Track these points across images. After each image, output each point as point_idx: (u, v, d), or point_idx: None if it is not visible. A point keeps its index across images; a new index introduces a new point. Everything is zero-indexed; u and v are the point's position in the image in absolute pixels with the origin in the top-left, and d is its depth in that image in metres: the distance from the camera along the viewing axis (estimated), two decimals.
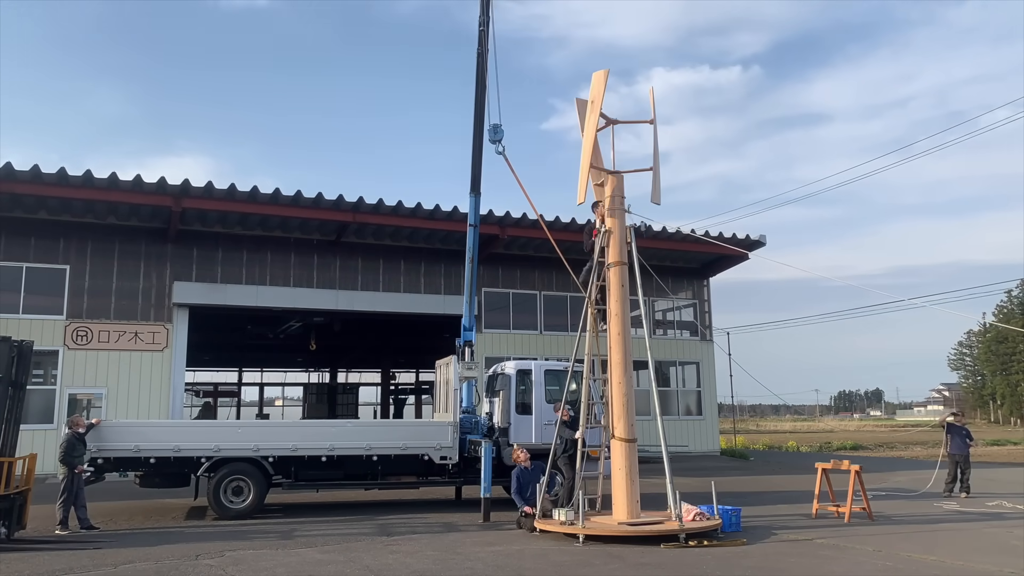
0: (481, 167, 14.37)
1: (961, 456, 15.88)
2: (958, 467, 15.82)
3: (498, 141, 13.98)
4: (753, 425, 76.95)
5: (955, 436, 16.09)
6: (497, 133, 13.94)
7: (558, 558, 9.26)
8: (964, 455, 15.89)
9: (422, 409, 43.40)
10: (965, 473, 15.74)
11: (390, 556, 9.28)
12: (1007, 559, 9.10)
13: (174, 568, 8.58)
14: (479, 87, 14.17)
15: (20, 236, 19.48)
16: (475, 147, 14.28)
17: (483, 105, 14.12)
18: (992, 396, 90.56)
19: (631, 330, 11.61)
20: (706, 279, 27.84)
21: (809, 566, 8.85)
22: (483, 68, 14.16)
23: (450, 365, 14.49)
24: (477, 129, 14.19)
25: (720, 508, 11.08)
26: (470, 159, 14.44)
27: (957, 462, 15.86)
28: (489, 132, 13.94)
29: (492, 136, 13.96)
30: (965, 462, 15.86)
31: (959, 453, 15.92)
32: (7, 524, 9.98)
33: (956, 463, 15.87)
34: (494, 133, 13.93)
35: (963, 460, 15.85)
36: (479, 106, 14.15)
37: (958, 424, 16.52)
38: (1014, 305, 79.52)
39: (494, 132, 13.93)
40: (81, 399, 19.50)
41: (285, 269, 21.82)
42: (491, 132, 13.94)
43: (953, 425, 16.38)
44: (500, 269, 24.25)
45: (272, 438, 13.11)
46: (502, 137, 13.96)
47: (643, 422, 13.85)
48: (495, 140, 13.98)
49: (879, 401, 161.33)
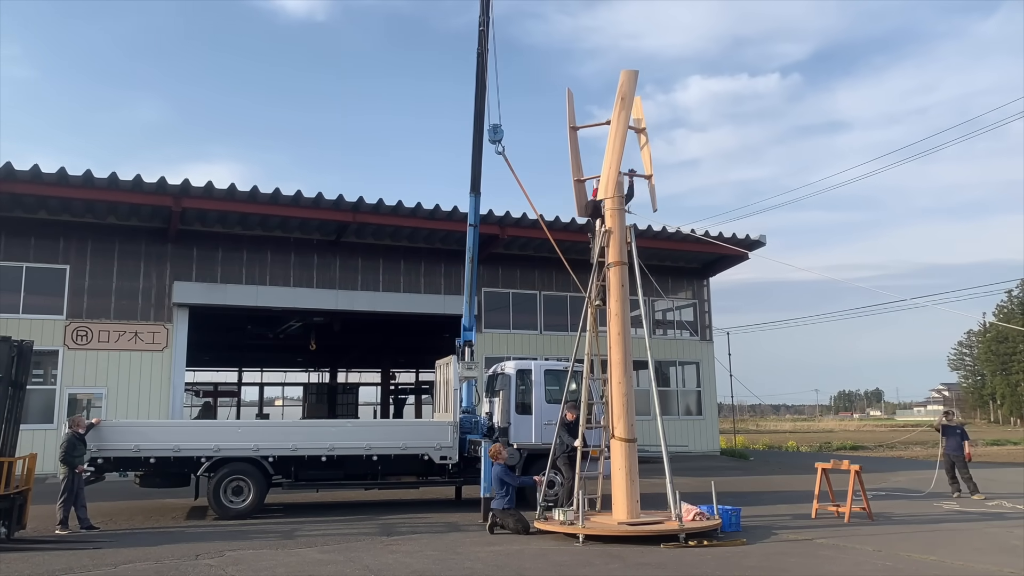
0: (481, 167, 14.39)
1: (956, 456, 15.88)
2: (954, 467, 15.83)
3: (498, 141, 13.99)
4: (753, 425, 76.91)
5: (950, 437, 16.10)
6: (497, 133, 13.94)
7: (558, 558, 9.25)
8: (959, 455, 15.87)
9: (422, 409, 43.41)
10: (964, 472, 15.73)
11: (390, 556, 9.28)
12: (1007, 559, 9.10)
13: (174, 568, 8.58)
14: (479, 88, 14.18)
15: (20, 236, 19.49)
16: (475, 147, 14.29)
17: (483, 106, 14.13)
18: (992, 396, 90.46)
19: (631, 330, 11.63)
20: (706, 279, 27.84)
21: (809, 566, 8.85)
22: (483, 69, 14.17)
23: (450, 365, 14.50)
24: (477, 129, 14.21)
25: (720, 508, 11.08)
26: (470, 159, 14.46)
27: (952, 462, 15.88)
28: (489, 132, 13.94)
29: (492, 136, 13.96)
30: (960, 462, 15.83)
31: (954, 453, 15.93)
32: (7, 524, 9.98)
33: (952, 463, 15.88)
34: (494, 133, 13.94)
35: (958, 460, 15.85)
36: (479, 107, 14.16)
37: (952, 424, 16.55)
38: (1014, 305, 79.51)
39: (494, 132, 13.93)
40: (81, 399, 19.50)
41: (285, 269, 21.82)
42: (491, 132, 13.94)
43: (947, 426, 16.40)
44: (500, 269, 24.26)
45: (272, 438, 13.11)
46: (502, 137, 13.97)
47: (643, 422, 13.85)
48: (495, 140, 13.98)
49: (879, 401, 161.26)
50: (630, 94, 12.04)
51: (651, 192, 12.25)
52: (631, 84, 12.06)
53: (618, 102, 11.97)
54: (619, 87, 12.04)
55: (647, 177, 12.28)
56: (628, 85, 12.03)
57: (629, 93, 12.03)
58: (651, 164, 12.36)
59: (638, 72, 12.17)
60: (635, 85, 12.12)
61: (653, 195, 12.23)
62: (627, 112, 11.93)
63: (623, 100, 11.95)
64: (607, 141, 12.01)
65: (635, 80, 12.13)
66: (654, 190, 12.22)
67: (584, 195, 12.35)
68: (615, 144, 11.82)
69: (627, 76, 12.06)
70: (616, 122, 11.91)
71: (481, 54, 14.22)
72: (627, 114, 11.93)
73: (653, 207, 12.21)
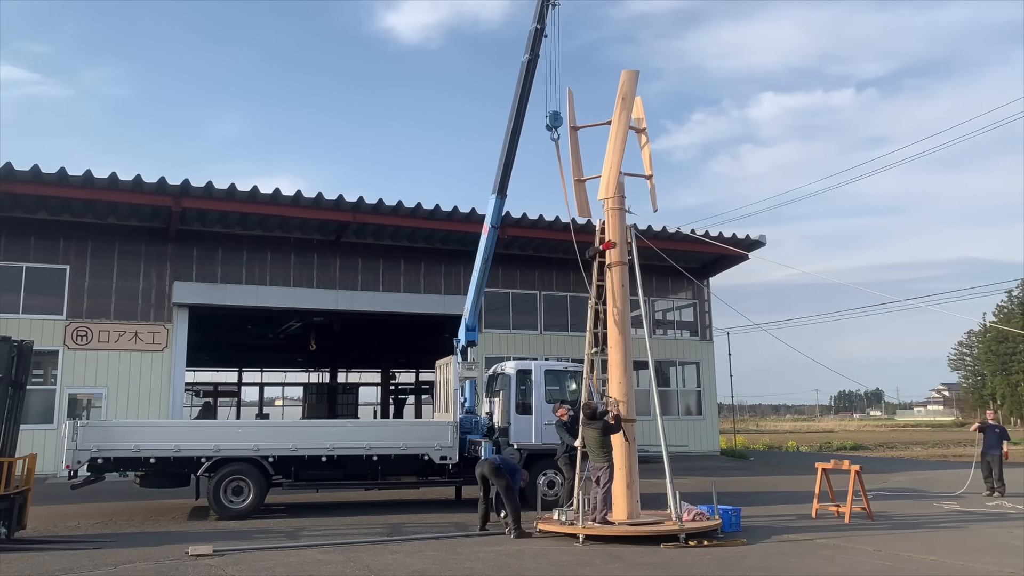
0: (511, 171, 14.48)
1: (993, 456, 15.99)
2: (990, 466, 15.97)
3: (555, 128, 13.93)
4: (753, 425, 76.99)
5: (989, 434, 16.25)
6: (557, 120, 13.91)
7: (558, 558, 9.26)
8: (996, 455, 15.97)
9: (422, 409, 43.38)
10: (996, 471, 15.85)
11: (390, 556, 9.28)
12: (1007, 559, 9.10)
13: (174, 568, 8.58)
14: (524, 92, 14.27)
15: (20, 236, 19.49)
16: (509, 149, 14.39)
17: (524, 110, 14.36)
18: (992, 396, 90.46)
19: (631, 330, 11.63)
20: (706, 279, 27.83)
21: (809, 566, 8.85)
22: (531, 73, 14.30)
23: (450, 365, 14.51)
24: (514, 132, 14.34)
25: (720, 508, 11.08)
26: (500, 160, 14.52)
27: (989, 461, 16.00)
28: (549, 117, 13.89)
29: (552, 122, 13.89)
30: (996, 461, 15.95)
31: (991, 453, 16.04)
32: (7, 524, 9.96)
33: (988, 463, 16.00)
34: (554, 119, 13.89)
35: (994, 460, 15.96)
36: (520, 110, 14.35)
37: (992, 423, 16.78)
38: (1014, 305, 79.48)
39: (554, 119, 13.88)
40: (81, 399, 19.51)
41: (285, 269, 21.82)
42: (551, 118, 13.89)
43: (987, 424, 16.62)
44: (500, 269, 24.20)
45: (272, 438, 13.10)
46: (560, 124, 13.93)
47: (643, 422, 13.86)
48: (554, 126, 13.91)
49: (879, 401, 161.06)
50: (631, 94, 12.07)
51: (651, 192, 12.28)
52: (632, 84, 12.09)
53: (619, 102, 11.98)
54: (620, 87, 12.06)
55: (647, 177, 12.31)
56: (629, 85, 12.06)
57: (630, 93, 12.06)
58: (651, 164, 12.40)
59: (638, 72, 12.23)
60: (636, 85, 12.15)
61: (653, 195, 12.27)
62: (628, 112, 11.96)
63: (624, 100, 11.97)
64: (608, 141, 12.01)
65: (636, 80, 12.16)
66: (654, 190, 12.27)
67: (584, 195, 12.38)
68: (616, 144, 11.83)
69: (628, 76, 12.09)
70: (617, 122, 11.93)
71: (530, 60, 14.24)
72: (628, 114, 11.95)
73: (653, 207, 12.25)
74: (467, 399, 14.30)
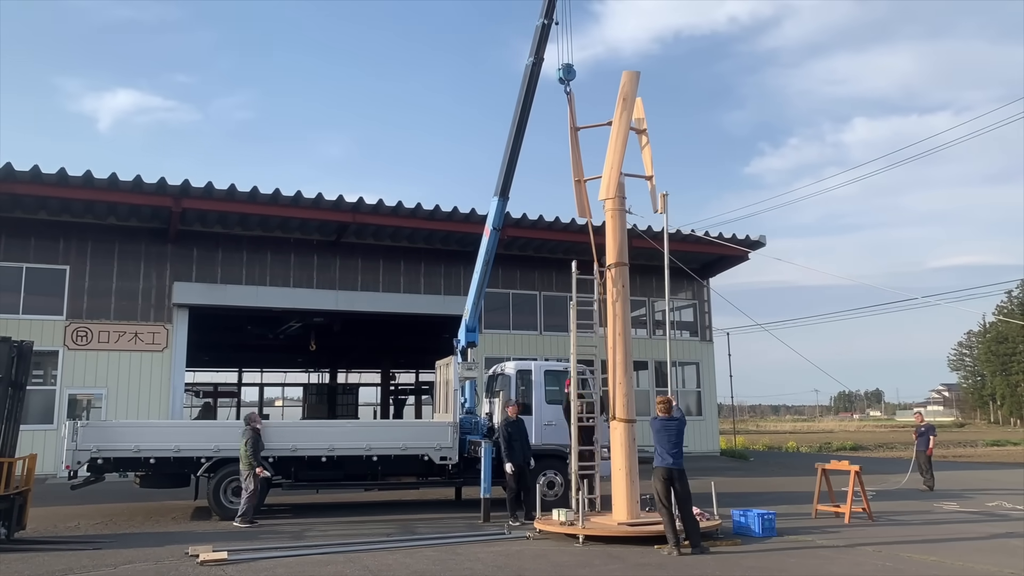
0: (514, 173, 14.44)
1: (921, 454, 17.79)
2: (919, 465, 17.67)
3: (568, 81, 13.80)
4: (753, 425, 77.02)
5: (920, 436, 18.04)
6: (570, 73, 13.80)
7: (558, 558, 9.26)
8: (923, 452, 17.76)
9: (422, 409, 43.36)
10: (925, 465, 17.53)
11: (390, 556, 9.28)
12: (1007, 559, 9.11)
13: (174, 568, 8.58)
14: (528, 96, 14.20)
15: (20, 236, 19.48)
16: (512, 151, 14.29)
17: (528, 112, 14.28)
18: (992, 396, 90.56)
19: (631, 330, 11.63)
20: (706, 279, 27.82)
21: (809, 566, 8.85)
22: (535, 77, 14.22)
23: (450, 365, 14.50)
24: (517, 136, 14.26)
25: (752, 512, 10.99)
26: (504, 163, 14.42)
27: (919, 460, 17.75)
28: (562, 70, 13.78)
29: (565, 75, 13.76)
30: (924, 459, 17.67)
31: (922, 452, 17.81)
32: (7, 525, 9.96)
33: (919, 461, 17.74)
34: (567, 72, 13.76)
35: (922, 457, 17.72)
36: (523, 115, 14.25)
37: (922, 424, 18.54)
38: (1014, 305, 79.55)
39: (567, 71, 13.76)
40: (81, 399, 19.50)
41: (285, 269, 21.81)
42: (564, 71, 13.77)
43: (917, 426, 18.56)
44: (500, 269, 24.18)
45: (272, 438, 13.09)
46: (574, 77, 13.84)
47: (643, 422, 13.84)
48: (567, 79, 13.78)
49: (879, 401, 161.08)
50: (632, 95, 12.05)
51: (651, 192, 12.26)
52: (632, 85, 12.06)
53: (620, 103, 11.97)
54: (621, 88, 12.04)
55: (647, 178, 12.29)
56: (630, 86, 12.03)
57: (631, 94, 12.03)
58: (652, 165, 12.36)
59: (639, 73, 12.19)
60: (636, 86, 12.11)
61: (653, 195, 12.24)
62: (629, 113, 11.94)
63: (624, 101, 11.96)
64: (608, 142, 12.00)
65: (636, 81, 12.13)
66: (655, 190, 12.24)
67: (584, 195, 12.38)
68: (616, 145, 11.81)
69: (628, 77, 12.08)
70: (618, 123, 11.91)
71: (534, 64, 14.12)
72: (629, 115, 11.93)
73: (654, 208, 12.25)
74: (467, 400, 14.29)
